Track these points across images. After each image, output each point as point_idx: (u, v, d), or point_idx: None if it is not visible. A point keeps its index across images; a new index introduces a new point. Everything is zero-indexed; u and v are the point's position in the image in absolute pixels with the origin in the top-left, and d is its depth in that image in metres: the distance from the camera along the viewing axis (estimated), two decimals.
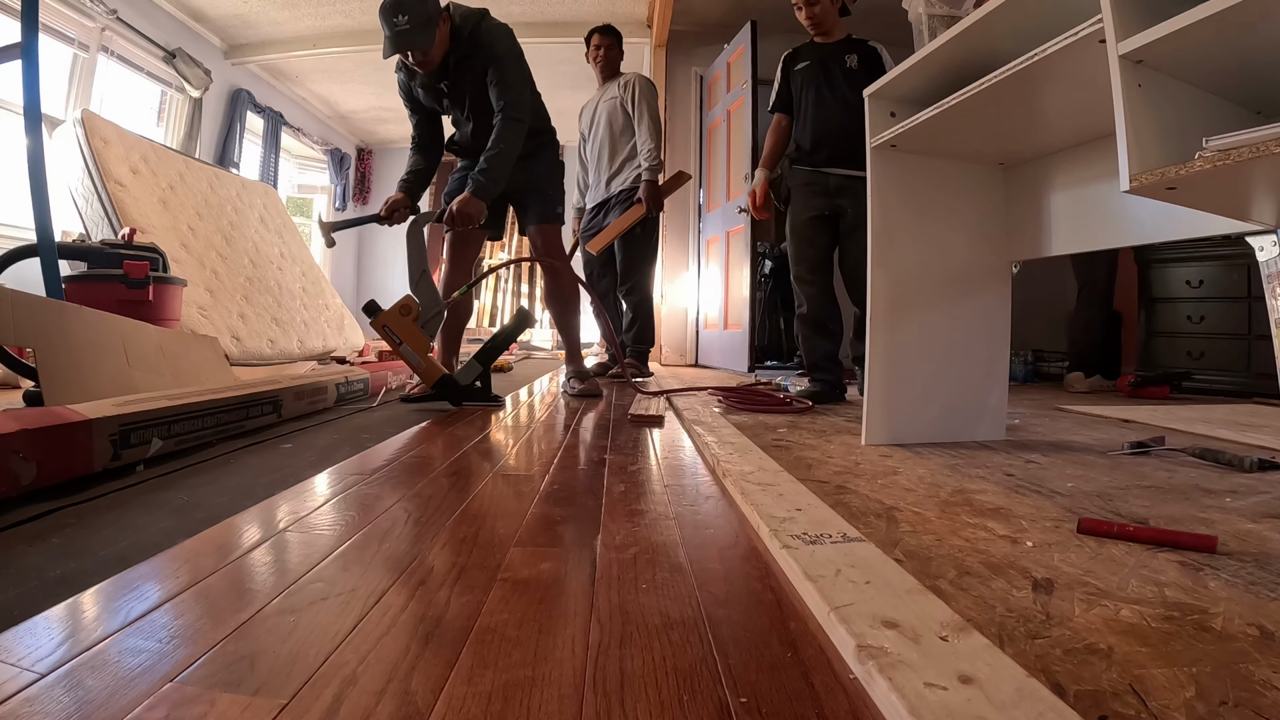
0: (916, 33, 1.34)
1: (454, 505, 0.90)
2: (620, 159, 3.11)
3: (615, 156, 3.12)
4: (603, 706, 0.42)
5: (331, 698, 0.42)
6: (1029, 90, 1.05)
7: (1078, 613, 0.55)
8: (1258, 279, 1.24)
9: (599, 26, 3.19)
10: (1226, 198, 0.87)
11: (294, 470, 1.10)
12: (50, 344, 1.36)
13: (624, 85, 3.08)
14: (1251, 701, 0.42)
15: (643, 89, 3.03)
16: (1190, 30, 0.70)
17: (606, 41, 3.16)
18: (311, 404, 1.77)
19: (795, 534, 0.72)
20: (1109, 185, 1.22)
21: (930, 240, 1.41)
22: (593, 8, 4.33)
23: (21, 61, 1.73)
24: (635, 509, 0.90)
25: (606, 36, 3.16)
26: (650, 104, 3.01)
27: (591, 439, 1.47)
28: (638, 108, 3.01)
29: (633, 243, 3.08)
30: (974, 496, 0.95)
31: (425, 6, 1.84)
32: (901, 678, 0.43)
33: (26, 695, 0.42)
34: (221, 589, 0.60)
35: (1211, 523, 0.83)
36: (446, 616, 0.55)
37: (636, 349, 3.15)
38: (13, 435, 0.86)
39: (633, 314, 3.15)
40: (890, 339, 1.38)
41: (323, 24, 4.60)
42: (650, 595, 0.60)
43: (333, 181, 6.81)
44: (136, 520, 0.81)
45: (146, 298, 2.22)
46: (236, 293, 3.46)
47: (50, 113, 3.31)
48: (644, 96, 3.01)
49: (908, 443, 1.39)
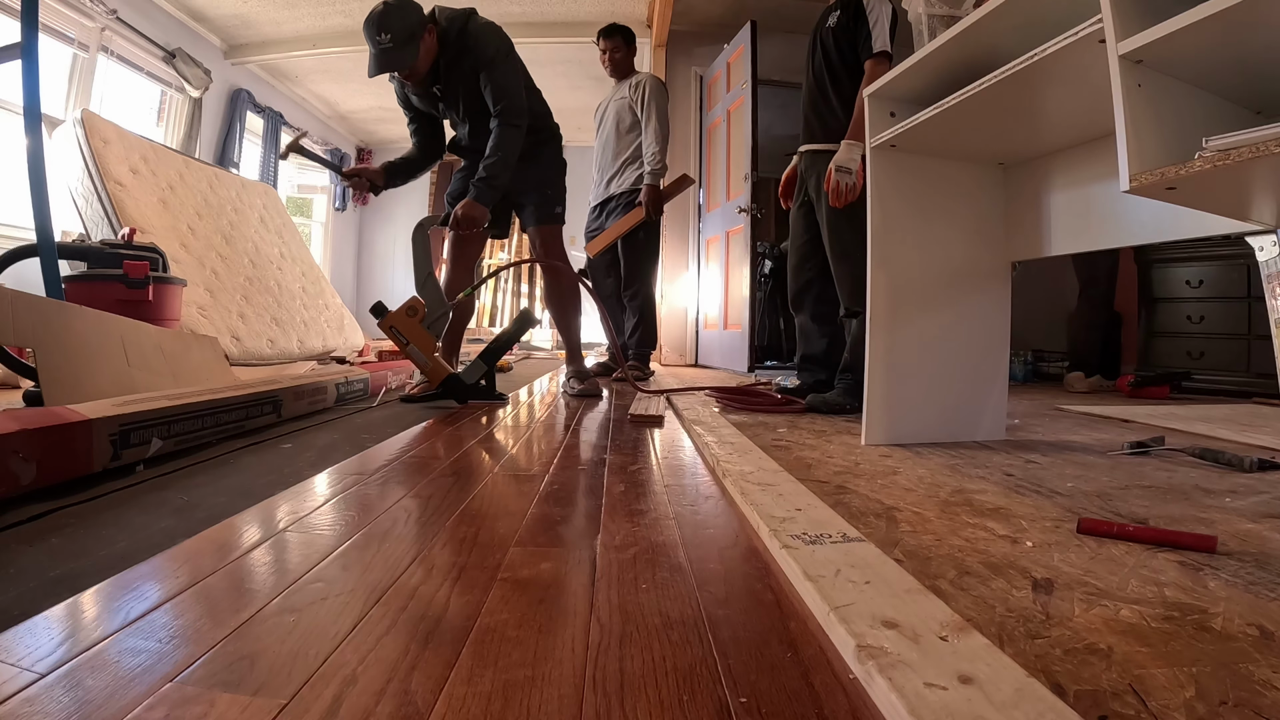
0: (916, 33, 1.34)
1: (454, 505, 0.90)
2: (622, 159, 3.10)
3: (617, 157, 3.11)
4: (603, 706, 0.42)
5: (331, 698, 0.42)
6: (1029, 90, 1.05)
7: (1077, 613, 0.55)
8: (1258, 279, 1.24)
9: (604, 28, 3.17)
10: (1226, 198, 0.87)
11: (294, 470, 1.10)
12: (50, 344, 1.36)
13: (634, 85, 3.06)
14: (1251, 701, 0.42)
15: (653, 90, 2.99)
16: (1190, 30, 0.70)
17: (611, 44, 3.14)
18: (311, 404, 1.77)
19: (795, 534, 0.72)
20: (1109, 185, 1.22)
21: (930, 240, 1.41)
22: (593, 7, 4.33)
23: (21, 61, 1.73)
24: (635, 509, 0.90)
25: (610, 39, 3.14)
26: (660, 106, 2.99)
27: (591, 439, 1.47)
28: (646, 109, 2.98)
29: (635, 246, 3.07)
30: (974, 496, 0.95)
31: (408, 20, 1.83)
32: (901, 678, 0.43)
33: (26, 695, 0.42)
34: (221, 589, 0.60)
35: (1211, 523, 0.83)
36: (446, 616, 0.55)
37: (640, 351, 3.15)
38: (12, 435, 0.86)
39: (636, 317, 3.15)
40: (890, 339, 1.38)
41: (323, 24, 4.60)
42: (650, 595, 0.60)
43: (332, 181, 6.81)
44: (136, 520, 0.81)
45: (146, 298, 2.22)
46: (236, 293, 3.46)
47: (50, 113, 3.31)
48: (654, 97, 2.98)
49: (907, 443, 1.39)
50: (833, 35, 1.93)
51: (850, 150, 1.74)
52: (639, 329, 3.15)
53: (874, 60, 1.82)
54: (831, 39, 1.94)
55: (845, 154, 1.75)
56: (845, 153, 1.75)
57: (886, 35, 1.82)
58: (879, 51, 1.81)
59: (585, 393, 2.33)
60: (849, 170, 1.73)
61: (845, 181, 1.73)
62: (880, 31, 1.82)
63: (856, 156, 1.72)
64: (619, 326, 3.19)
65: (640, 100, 3.01)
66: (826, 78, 1.96)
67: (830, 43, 1.95)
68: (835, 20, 1.93)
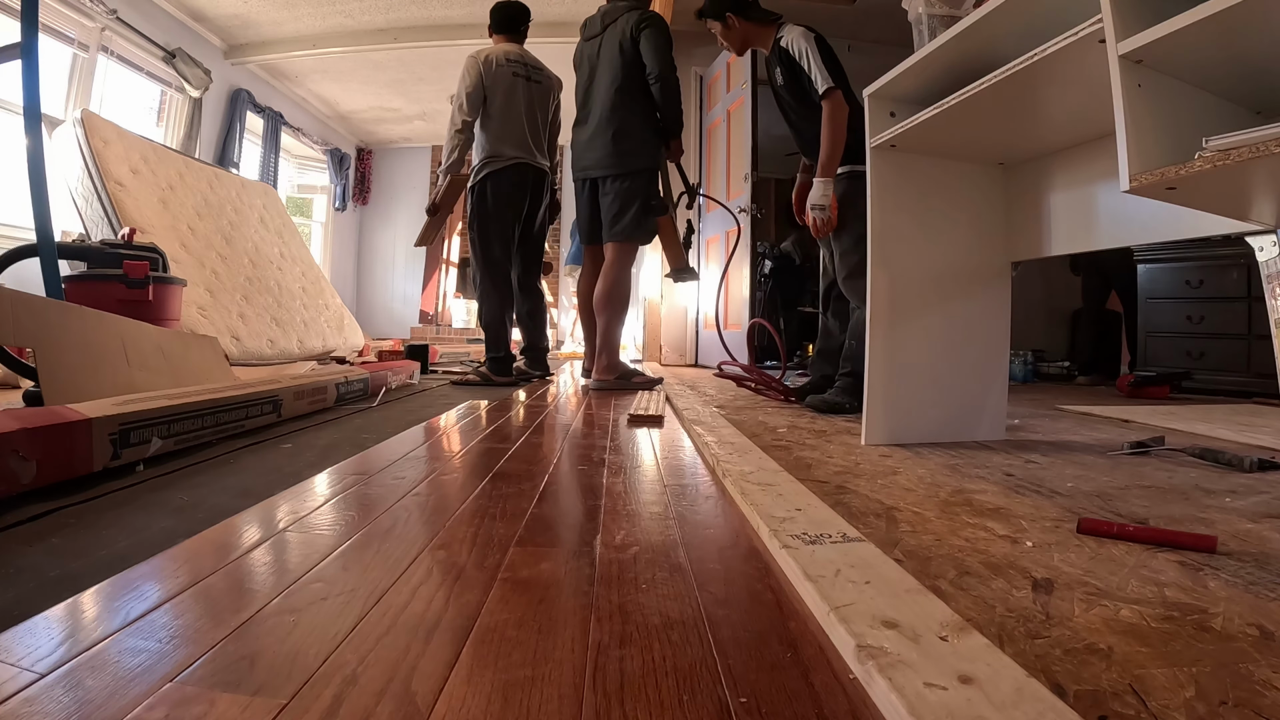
0: (916, 33, 1.34)
1: (454, 505, 0.90)
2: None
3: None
4: (603, 706, 0.42)
5: (331, 698, 0.42)
6: (1029, 90, 1.05)
7: (1077, 613, 0.55)
8: (1258, 279, 1.24)
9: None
10: (1226, 198, 0.87)
11: (294, 470, 1.10)
12: (50, 344, 1.36)
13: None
14: (1251, 701, 0.42)
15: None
16: (1190, 30, 0.70)
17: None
18: (311, 404, 1.77)
19: (795, 534, 0.72)
20: (1109, 185, 1.22)
21: (930, 240, 1.41)
22: (593, 8, 4.32)
23: (21, 61, 1.73)
24: (635, 509, 0.90)
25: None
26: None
27: (592, 439, 1.47)
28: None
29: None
30: (974, 496, 0.95)
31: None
32: (901, 678, 0.43)
33: (26, 695, 0.42)
34: (221, 589, 0.60)
35: (1211, 523, 0.83)
36: (446, 616, 0.55)
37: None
38: (12, 434, 0.86)
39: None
40: (890, 339, 1.38)
41: (323, 24, 4.60)
42: (650, 595, 0.60)
43: (332, 181, 6.82)
44: (136, 520, 0.81)
45: (146, 298, 2.22)
46: (236, 293, 3.46)
47: (50, 113, 3.32)
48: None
49: (907, 443, 1.39)
50: (786, 91, 2.02)
51: (824, 188, 1.89)
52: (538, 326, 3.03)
53: (827, 100, 1.86)
54: (787, 94, 2.02)
55: (819, 193, 1.90)
56: (819, 190, 1.90)
57: (824, 70, 1.86)
58: (825, 91, 1.85)
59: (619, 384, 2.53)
60: (823, 208, 1.90)
61: (821, 218, 1.91)
62: (817, 71, 1.87)
63: (829, 193, 1.90)
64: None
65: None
66: (800, 123, 2.05)
67: (787, 96, 2.03)
68: (781, 77, 2.01)
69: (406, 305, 7.41)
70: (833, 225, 1.92)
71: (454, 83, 2.75)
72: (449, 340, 6.47)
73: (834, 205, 1.90)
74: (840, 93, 1.85)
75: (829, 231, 1.94)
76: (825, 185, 1.88)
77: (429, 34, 4.63)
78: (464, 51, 2.83)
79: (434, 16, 4.49)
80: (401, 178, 7.52)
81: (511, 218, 2.74)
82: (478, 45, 2.84)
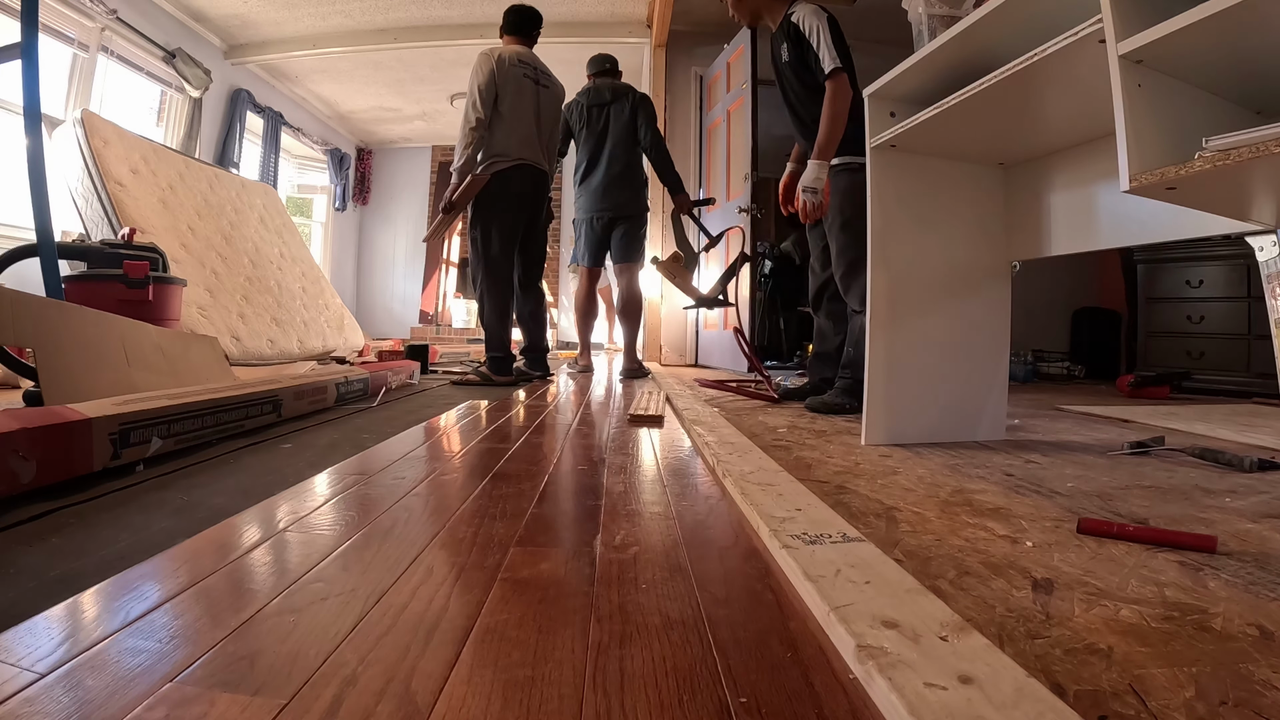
0: (916, 33, 1.34)
1: (454, 505, 0.90)
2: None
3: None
4: (603, 706, 0.42)
5: (331, 698, 0.42)
6: (1029, 90, 1.05)
7: (1077, 613, 0.55)
8: (1258, 279, 1.24)
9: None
10: (1226, 198, 0.87)
11: (294, 470, 1.10)
12: (50, 344, 1.36)
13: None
14: (1251, 701, 0.42)
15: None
16: (1190, 30, 0.70)
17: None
18: (311, 404, 1.77)
19: (795, 534, 0.72)
20: (1109, 185, 1.22)
21: (930, 240, 1.41)
22: (592, 8, 4.33)
23: (21, 61, 1.73)
24: (635, 509, 0.90)
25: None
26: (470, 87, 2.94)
27: (592, 439, 1.47)
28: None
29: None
30: (974, 496, 0.95)
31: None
32: (901, 678, 0.43)
33: (26, 695, 0.42)
34: (221, 589, 0.60)
35: (1211, 523, 0.83)
36: (446, 616, 0.55)
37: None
38: (12, 434, 0.86)
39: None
40: (890, 339, 1.38)
41: (323, 24, 4.60)
42: (650, 595, 0.60)
43: (332, 181, 6.81)
44: (136, 520, 0.81)
45: (146, 298, 2.22)
46: (236, 293, 3.46)
47: (50, 113, 3.32)
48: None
49: (907, 443, 1.39)
50: (790, 69, 1.98)
51: (817, 170, 1.82)
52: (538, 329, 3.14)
53: (831, 80, 1.83)
54: (790, 71, 1.99)
55: (812, 174, 1.82)
56: (812, 173, 1.82)
57: (833, 51, 1.83)
58: (831, 70, 1.82)
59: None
60: (815, 190, 1.82)
61: (812, 201, 1.83)
62: (826, 50, 1.84)
63: (823, 176, 1.82)
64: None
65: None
66: (798, 104, 2.02)
67: (790, 75, 2.00)
68: (787, 53, 1.98)
69: (406, 305, 7.41)
70: (823, 211, 1.85)
71: (454, 83, 2.76)
72: (449, 340, 6.47)
73: (826, 189, 1.82)
74: (846, 76, 1.81)
75: (819, 216, 1.87)
76: (820, 168, 1.81)
77: (429, 34, 4.63)
78: (464, 51, 2.84)
79: (434, 16, 4.49)
80: (401, 178, 7.51)
81: (515, 218, 2.73)
82: (477, 45, 2.85)
